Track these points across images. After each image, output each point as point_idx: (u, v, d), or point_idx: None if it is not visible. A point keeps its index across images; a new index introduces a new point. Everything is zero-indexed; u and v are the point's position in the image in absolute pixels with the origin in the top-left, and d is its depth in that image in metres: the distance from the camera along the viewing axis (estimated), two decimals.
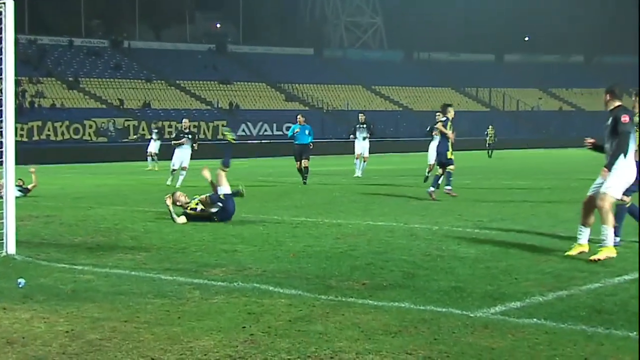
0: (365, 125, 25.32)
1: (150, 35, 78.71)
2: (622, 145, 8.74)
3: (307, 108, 63.24)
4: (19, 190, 16.90)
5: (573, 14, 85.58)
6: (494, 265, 8.34)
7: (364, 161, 25.24)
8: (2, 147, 8.86)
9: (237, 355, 5.21)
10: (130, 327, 5.90)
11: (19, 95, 48.90)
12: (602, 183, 8.76)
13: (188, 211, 12.45)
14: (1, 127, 8.98)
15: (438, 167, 16.72)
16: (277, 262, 8.65)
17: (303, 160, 21.77)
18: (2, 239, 9.08)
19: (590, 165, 14.80)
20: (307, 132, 22.07)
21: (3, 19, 9.04)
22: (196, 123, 50.87)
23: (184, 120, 22.83)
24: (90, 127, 51.15)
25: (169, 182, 21.39)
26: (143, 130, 50.37)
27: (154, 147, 34.23)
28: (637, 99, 9.51)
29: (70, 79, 57.93)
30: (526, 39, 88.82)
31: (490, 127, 47.63)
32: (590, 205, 8.86)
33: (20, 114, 45.65)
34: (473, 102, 74.86)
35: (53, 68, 59.08)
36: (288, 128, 23.88)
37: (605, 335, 5.60)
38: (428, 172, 20.33)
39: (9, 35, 8.96)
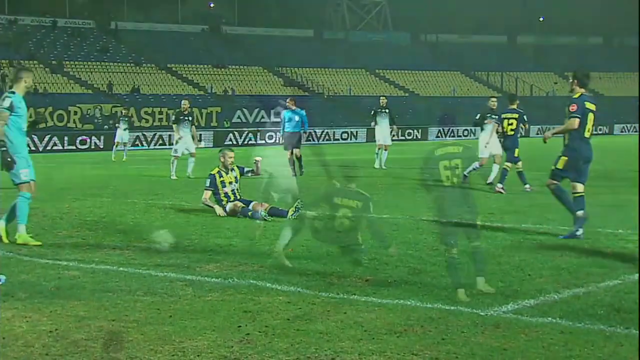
0: (387, 110, 24.81)
1: (140, 16, 78.42)
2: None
3: (306, 93, 63.22)
4: None
5: None
6: (505, 260, 8.35)
7: (385, 150, 24.53)
8: None
9: (232, 356, 5.22)
10: (118, 326, 5.91)
11: None
12: None
13: (217, 178, 12.67)
14: None
15: (507, 162, 16.24)
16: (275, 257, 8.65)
17: (294, 150, 21.23)
18: None
19: (609, 152, 14.71)
20: (297, 118, 21.33)
21: None
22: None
23: (183, 101, 22.48)
24: (76, 113, 51.07)
25: (174, 176, 20.62)
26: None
27: (121, 136, 33.89)
28: None
29: (53, 62, 57.85)
30: (541, 19, 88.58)
31: None
32: None
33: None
34: (484, 87, 74.72)
35: (35, 50, 58.98)
36: None
37: (624, 335, 5.61)
38: (478, 167, 17.32)
39: None
